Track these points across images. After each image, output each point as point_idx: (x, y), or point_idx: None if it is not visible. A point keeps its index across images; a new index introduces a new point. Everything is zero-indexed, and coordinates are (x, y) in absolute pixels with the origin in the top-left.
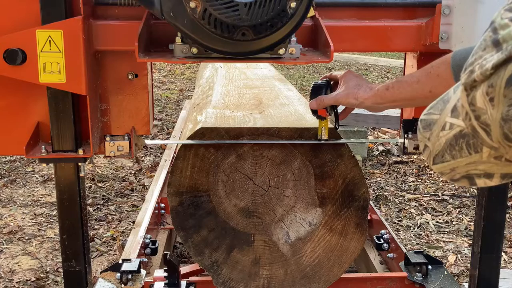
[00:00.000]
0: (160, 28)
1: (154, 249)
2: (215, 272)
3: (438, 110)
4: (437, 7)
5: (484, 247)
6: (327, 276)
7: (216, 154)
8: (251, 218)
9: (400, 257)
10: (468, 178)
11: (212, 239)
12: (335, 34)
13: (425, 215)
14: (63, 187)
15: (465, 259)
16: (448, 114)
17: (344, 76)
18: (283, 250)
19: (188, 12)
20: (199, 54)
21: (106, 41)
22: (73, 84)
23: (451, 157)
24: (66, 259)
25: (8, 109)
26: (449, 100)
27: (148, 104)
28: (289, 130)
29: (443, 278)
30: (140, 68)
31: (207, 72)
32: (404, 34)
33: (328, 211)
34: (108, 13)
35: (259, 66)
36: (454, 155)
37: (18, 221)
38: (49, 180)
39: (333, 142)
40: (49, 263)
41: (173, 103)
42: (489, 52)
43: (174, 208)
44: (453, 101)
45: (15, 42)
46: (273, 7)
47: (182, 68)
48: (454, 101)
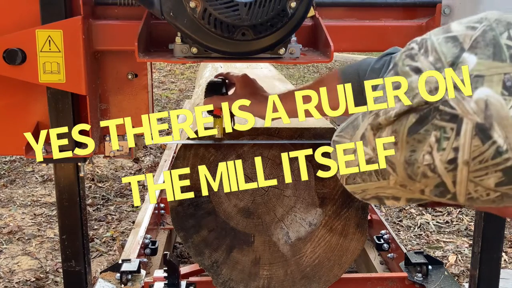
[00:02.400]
0: (160, 28)
1: (154, 249)
2: (215, 272)
3: (348, 135)
4: (437, 7)
5: (485, 247)
6: (327, 276)
7: (216, 154)
8: (251, 218)
9: (400, 257)
10: (378, 199)
11: (212, 239)
12: (335, 34)
13: (425, 215)
14: (62, 187)
15: (466, 259)
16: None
17: (240, 80)
18: (283, 250)
19: (188, 12)
20: (199, 54)
21: (106, 41)
22: (73, 84)
23: (361, 180)
24: (66, 259)
25: (7, 109)
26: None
27: (148, 104)
28: (289, 130)
29: (444, 278)
30: (140, 68)
31: (207, 72)
32: (404, 34)
33: (328, 211)
34: (107, 13)
35: (259, 66)
36: (364, 179)
37: (18, 221)
38: (48, 180)
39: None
40: (48, 263)
41: (173, 103)
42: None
43: (174, 208)
44: (362, 129)
45: (15, 42)
46: (273, 7)
47: (182, 68)
48: (362, 130)
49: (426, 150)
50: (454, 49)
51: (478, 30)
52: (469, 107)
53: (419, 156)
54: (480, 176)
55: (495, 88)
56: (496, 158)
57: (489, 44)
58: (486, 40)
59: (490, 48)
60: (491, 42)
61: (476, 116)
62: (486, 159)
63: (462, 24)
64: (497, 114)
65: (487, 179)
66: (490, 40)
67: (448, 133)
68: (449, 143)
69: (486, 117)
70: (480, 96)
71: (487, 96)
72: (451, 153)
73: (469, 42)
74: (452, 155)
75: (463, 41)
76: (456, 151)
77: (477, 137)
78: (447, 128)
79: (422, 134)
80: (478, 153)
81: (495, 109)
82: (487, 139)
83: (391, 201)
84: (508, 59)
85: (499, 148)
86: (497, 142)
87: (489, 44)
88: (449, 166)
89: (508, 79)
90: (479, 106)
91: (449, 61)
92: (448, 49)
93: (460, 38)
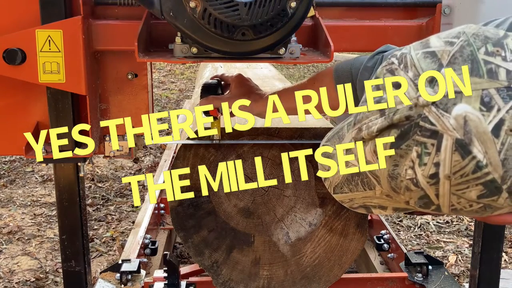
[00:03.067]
0: (160, 28)
1: (154, 249)
2: (215, 272)
3: (334, 145)
4: (437, 6)
5: (485, 248)
6: (327, 276)
7: (216, 154)
8: (251, 218)
9: (401, 257)
10: (365, 207)
11: (212, 239)
12: (335, 34)
13: (425, 215)
14: (62, 187)
15: (466, 259)
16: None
17: (235, 80)
18: (283, 250)
19: (188, 12)
20: (199, 54)
21: (105, 41)
22: (73, 84)
23: (348, 190)
24: (66, 259)
25: (7, 109)
26: (344, 137)
27: (148, 104)
28: (289, 130)
29: (444, 278)
30: (139, 68)
31: (207, 72)
32: (405, 34)
33: (328, 211)
34: (107, 13)
35: (259, 66)
36: (351, 189)
37: (18, 221)
38: (48, 180)
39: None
40: (48, 263)
41: (173, 103)
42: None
43: (174, 208)
44: (347, 140)
45: (15, 42)
46: (273, 7)
47: (182, 68)
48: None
49: (408, 165)
50: (433, 65)
51: (456, 45)
52: (448, 124)
53: (401, 171)
54: (462, 190)
55: (473, 104)
56: (476, 172)
57: (467, 59)
58: (463, 56)
59: (467, 63)
60: (468, 58)
61: (456, 132)
62: (466, 173)
63: (440, 39)
64: (476, 129)
65: (468, 192)
66: (468, 55)
67: (429, 149)
68: (430, 158)
69: (466, 133)
70: (459, 112)
71: (465, 112)
72: (432, 168)
73: (447, 58)
74: (433, 170)
75: (441, 57)
76: (437, 166)
77: (457, 153)
78: (428, 143)
79: (404, 149)
80: (459, 168)
81: (474, 125)
82: (467, 154)
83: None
84: (486, 74)
85: (479, 163)
86: (477, 157)
87: (467, 60)
88: (431, 181)
89: (486, 95)
90: (458, 122)
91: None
92: (426, 65)
93: (438, 54)
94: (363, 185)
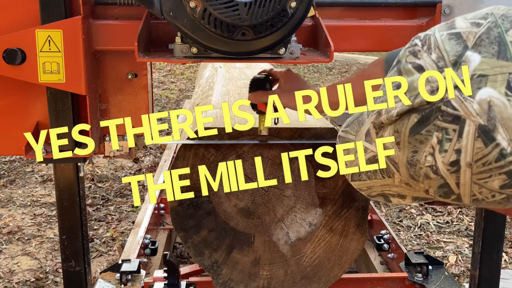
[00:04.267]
0: (160, 28)
1: (153, 249)
2: (215, 272)
3: (354, 131)
4: (437, 6)
5: (485, 248)
6: (327, 276)
7: (216, 154)
8: (251, 219)
9: (401, 257)
10: (384, 196)
11: (212, 239)
12: (335, 34)
13: (425, 216)
14: (62, 187)
15: (466, 259)
16: (363, 137)
17: (284, 75)
18: (283, 250)
19: (188, 11)
20: (199, 54)
21: (105, 41)
22: (73, 84)
23: (367, 177)
24: (66, 259)
25: (7, 109)
26: (364, 123)
27: (148, 104)
28: (289, 130)
29: (444, 278)
30: (139, 68)
31: (207, 72)
32: (405, 34)
33: (328, 212)
34: (107, 12)
35: (259, 66)
36: (369, 176)
37: (18, 221)
38: (48, 180)
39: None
40: (48, 263)
41: (172, 103)
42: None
43: (174, 209)
44: (367, 125)
45: (15, 42)
46: (273, 6)
47: (182, 68)
48: (367, 126)
49: (428, 151)
50: (458, 47)
51: (483, 27)
52: (471, 108)
53: (421, 157)
54: (484, 179)
55: (498, 88)
56: (499, 160)
57: (494, 42)
58: (490, 38)
59: (494, 46)
60: (495, 40)
61: (479, 117)
62: (489, 161)
63: (467, 20)
64: (500, 115)
65: (491, 182)
66: (495, 37)
67: (450, 135)
68: (451, 145)
69: (489, 119)
70: (483, 97)
71: (490, 97)
72: (453, 155)
73: (473, 39)
74: (454, 157)
75: (466, 38)
76: (458, 153)
77: (480, 139)
78: (449, 129)
79: (424, 135)
80: (481, 155)
81: (498, 110)
82: (490, 141)
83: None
84: None
85: (502, 151)
86: (501, 145)
87: (494, 42)
88: (451, 168)
89: None
90: (482, 107)
91: (452, 60)
92: (451, 46)
93: (464, 35)
94: (381, 172)
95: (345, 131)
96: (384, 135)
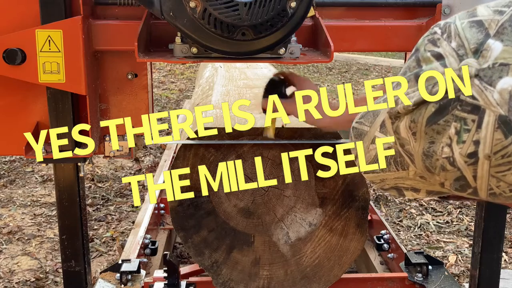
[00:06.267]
0: (160, 28)
1: (153, 249)
2: (215, 272)
3: (368, 122)
4: (437, 6)
5: (485, 248)
6: (327, 276)
7: (216, 154)
8: (251, 219)
9: (401, 257)
10: (397, 189)
11: (212, 239)
12: (335, 34)
13: (425, 216)
14: (62, 187)
15: (466, 259)
16: (377, 128)
17: (302, 84)
18: (283, 250)
19: (188, 11)
20: (199, 54)
21: (105, 41)
22: (73, 84)
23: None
24: (66, 259)
25: (7, 109)
26: (379, 114)
27: (148, 104)
28: (289, 130)
29: (444, 278)
30: (139, 68)
31: (207, 72)
32: (405, 34)
33: (328, 211)
34: (107, 13)
35: (259, 66)
36: (383, 168)
37: (18, 221)
38: (48, 180)
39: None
40: (48, 263)
41: (172, 103)
42: (411, 87)
43: (174, 209)
44: (382, 116)
45: (15, 42)
46: (273, 6)
47: (182, 68)
48: (383, 116)
49: (445, 142)
50: (479, 35)
51: (506, 14)
52: (492, 98)
53: (437, 148)
54: (503, 172)
55: None
56: None
57: None
58: None
59: None
60: None
61: (500, 107)
62: (509, 153)
63: (489, 7)
64: None
65: (510, 175)
66: None
67: (469, 125)
68: (470, 136)
69: (510, 109)
70: (504, 86)
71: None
72: (471, 146)
73: (495, 27)
74: (472, 148)
75: (488, 26)
76: (476, 145)
77: (500, 130)
78: (468, 119)
79: (442, 125)
80: (501, 147)
81: None
82: (510, 132)
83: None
84: None
85: None
86: None
87: None
88: (469, 160)
89: None
90: (503, 97)
91: (473, 48)
92: (472, 34)
93: (485, 23)
94: (396, 164)
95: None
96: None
